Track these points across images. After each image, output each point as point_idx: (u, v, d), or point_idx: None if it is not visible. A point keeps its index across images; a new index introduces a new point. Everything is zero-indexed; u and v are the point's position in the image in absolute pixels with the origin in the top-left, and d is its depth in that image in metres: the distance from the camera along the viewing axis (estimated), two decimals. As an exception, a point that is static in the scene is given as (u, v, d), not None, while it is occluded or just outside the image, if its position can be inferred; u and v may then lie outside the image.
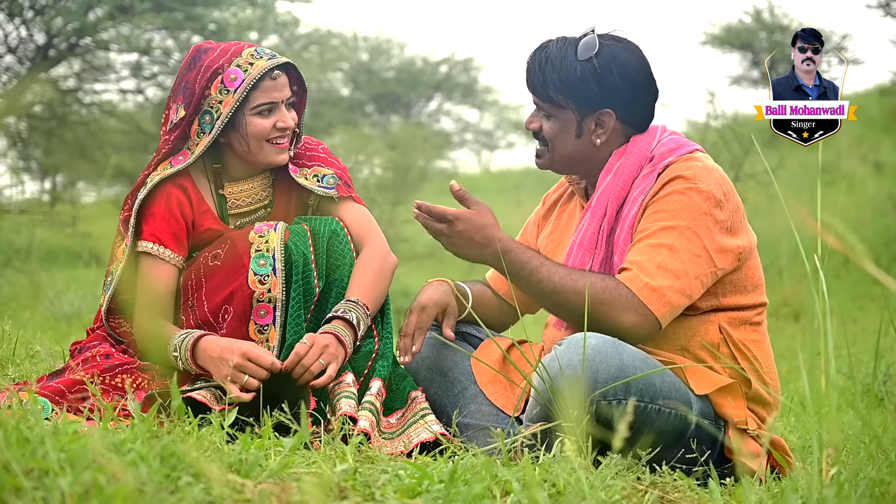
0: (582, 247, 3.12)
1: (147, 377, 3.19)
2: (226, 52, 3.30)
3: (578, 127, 3.13)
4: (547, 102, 3.15)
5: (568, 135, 3.15)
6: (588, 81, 3.09)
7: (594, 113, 3.12)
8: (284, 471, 2.23)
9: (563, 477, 2.32)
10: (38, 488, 1.86)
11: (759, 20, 24.25)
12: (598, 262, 3.09)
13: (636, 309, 2.91)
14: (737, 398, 2.98)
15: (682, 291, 2.94)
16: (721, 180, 3.03)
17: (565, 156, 3.17)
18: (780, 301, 11.39)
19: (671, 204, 3.00)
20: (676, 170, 3.03)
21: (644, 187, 3.06)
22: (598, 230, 3.11)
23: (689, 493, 2.53)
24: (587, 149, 3.16)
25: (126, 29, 13.93)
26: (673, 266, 2.93)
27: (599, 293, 2.91)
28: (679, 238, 2.96)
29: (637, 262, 2.95)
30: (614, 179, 3.11)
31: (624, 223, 3.06)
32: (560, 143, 3.16)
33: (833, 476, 2.23)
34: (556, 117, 3.15)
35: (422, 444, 3.10)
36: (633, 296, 2.91)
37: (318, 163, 3.44)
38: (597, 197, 3.13)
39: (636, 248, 2.98)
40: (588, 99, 3.10)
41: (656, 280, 2.92)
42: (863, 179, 16.62)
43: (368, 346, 3.28)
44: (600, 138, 3.14)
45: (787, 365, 7.07)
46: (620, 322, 2.91)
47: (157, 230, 3.27)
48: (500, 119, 30.58)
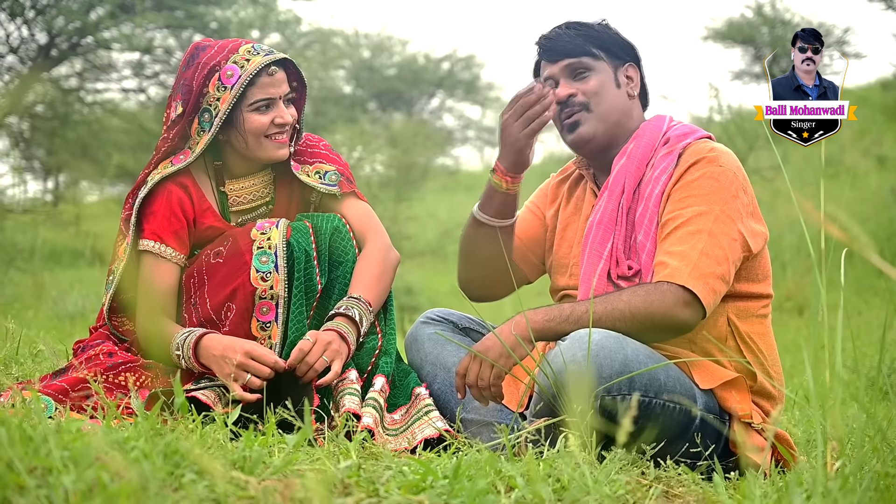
0: (602, 224, 3.12)
1: (150, 375, 3.19)
2: (223, 48, 3.29)
3: (615, 78, 3.22)
4: (584, 57, 3.20)
5: (610, 85, 3.21)
6: (614, 36, 3.24)
7: (623, 65, 3.23)
8: (288, 468, 2.23)
9: (567, 472, 2.31)
10: (41, 486, 1.86)
11: (761, 14, 24.23)
12: (620, 239, 3.09)
13: (684, 301, 2.90)
14: (741, 392, 2.98)
15: (722, 278, 2.94)
16: (739, 164, 3.08)
17: (611, 109, 3.20)
18: (783, 295, 11.39)
19: (702, 188, 2.99)
20: (699, 151, 3.05)
21: (665, 167, 3.07)
22: (618, 207, 3.12)
23: (694, 487, 2.52)
24: (625, 102, 3.23)
25: (127, 28, 13.92)
26: (714, 252, 2.93)
27: (646, 305, 2.89)
28: (716, 223, 2.95)
29: (678, 252, 2.93)
30: (629, 161, 3.14)
31: (647, 201, 3.06)
32: (605, 95, 3.20)
33: (838, 469, 2.22)
34: (595, 70, 3.20)
35: (426, 440, 3.10)
36: (679, 289, 2.90)
37: (320, 159, 3.44)
38: (613, 177, 3.15)
39: (674, 236, 2.97)
40: (618, 50, 3.24)
41: (700, 267, 2.91)
42: (866, 173, 16.61)
43: (372, 342, 3.28)
44: (633, 91, 3.24)
45: (791, 359, 7.06)
46: (678, 319, 2.90)
47: (159, 228, 3.27)
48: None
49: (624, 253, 3.08)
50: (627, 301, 2.90)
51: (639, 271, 3.04)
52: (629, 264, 3.06)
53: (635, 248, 3.07)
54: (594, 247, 3.11)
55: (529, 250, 3.41)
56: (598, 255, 3.10)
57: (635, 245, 3.07)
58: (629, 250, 3.08)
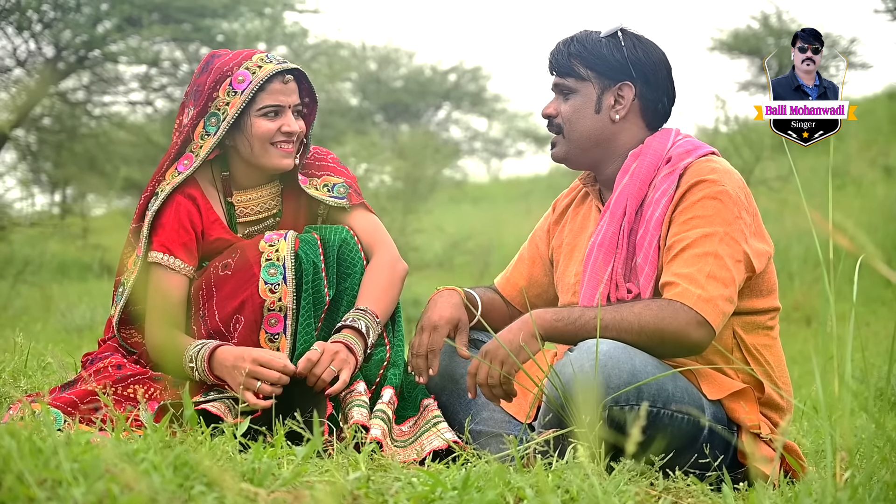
0: (602, 247, 3.11)
1: (159, 387, 3.19)
2: (237, 56, 3.32)
3: (598, 102, 3.16)
4: (569, 77, 3.18)
5: (586, 110, 3.17)
6: (612, 52, 3.15)
7: (615, 85, 3.15)
8: (297, 479, 2.23)
9: (577, 483, 2.31)
10: (51, 498, 1.87)
11: (767, 25, 24.20)
12: (621, 262, 3.08)
13: (696, 321, 2.89)
14: (750, 403, 2.98)
15: (730, 299, 2.93)
16: (741, 184, 3.05)
17: (583, 135, 3.18)
18: (791, 306, 11.37)
19: (705, 210, 2.98)
20: (699, 172, 3.03)
21: (665, 188, 3.05)
22: (619, 230, 3.10)
23: (703, 498, 2.52)
24: (605, 127, 3.17)
25: (134, 41, 13.94)
26: (721, 274, 2.92)
27: (657, 321, 2.89)
28: (721, 244, 2.94)
29: (686, 274, 2.92)
30: (631, 180, 3.12)
31: (648, 224, 3.05)
32: (577, 121, 3.17)
33: (847, 479, 2.22)
34: (576, 93, 3.17)
35: (434, 451, 3.10)
36: (690, 309, 2.89)
37: (328, 172, 3.44)
38: (615, 197, 3.13)
39: (681, 258, 2.96)
40: (611, 69, 3.15)
41: (708, 290, 2.90)
42: (872, 183, 16.58)
43: (380, 354, 3.28)
44: (619, 113, 3.16)
45: (799, 370, 7.05)
46: (689, 339, 2.89)
47: (167, 241, 3.28)
48: (508, 127, 30.57)
49: (624, 276, 3.08)
50: (638, 314, 2.90)
51: (637, 295, 3.04)
52: (629, 287, 3.06)
53: (635, 271, 3.06)
54: (594, 270, 3.11)
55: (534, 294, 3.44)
56: (598, 278, 3.10)
57: (635, 268, 3.07)
58: (629, 273, 3.08)
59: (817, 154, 16.78)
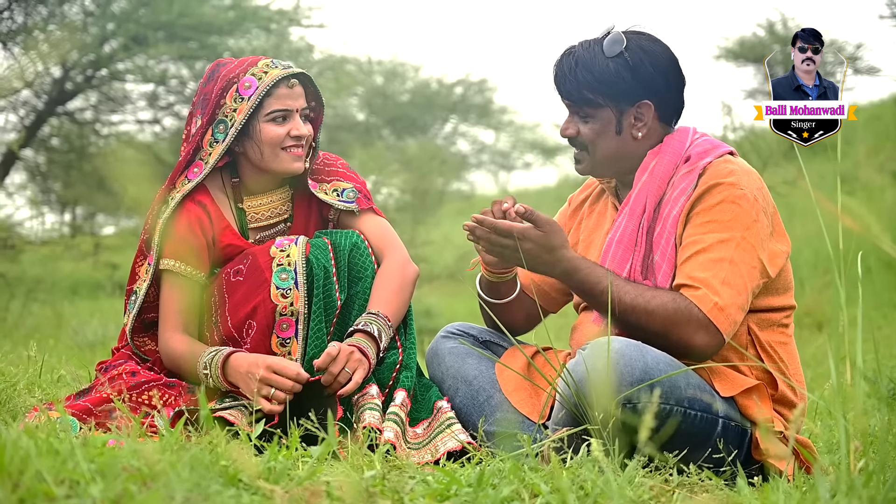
0: (622, 244, 3.11)
1: (174, 393, 3.20)
2: (242, 63, 3.34)
3: (618, 124, 3.14)
4: (584, 105, 3.15)
5: (608, 134, 3.15)
6: (622, 76, 3.10)
7: (632, 107, 3.13)
8: (312, 479, 2.23)
9: (591, 479, 2.32)
10: (70, 496, 1.88)
11: (773, 33, 24.21)
12: (639, 259, 3.08)
13: (707, 328, 2.90)
14: (763, 399, 2.98)
15: (742, 307, 2.94)
16: (759, 183, 3.04)
17: (608, 156, 3.17)
18: (802, 311, 11.34)
19: (723, 214, 2.98)
20: (718, 173, 3.03)
21: (685, 187, 3.05)
22: (638, 227, 3.11)
23: (718, 492, 2.52)
24: (628, 145, 3.16)
25: (141, 60, 14.00)
26: (735, 281, 2.93)
27: (672, 314, 2.91)
28: (737, 250, 2.95)
29: (703, 279, 2.93)
30: (651, 178, 3.12)
31: (665, 222, 3.06)
32: (601, 144, 3.16)
33: (861, 468, 2.22)
34: (594, 118, 3.15)
35: (448, 453, 3.11)
36: (704, 315, 2.90)
37: (338, 177, 3.46)
38: (634, 195, 3.14)
39: (695, 261, 2.97)
40: (624, 93, 3.11)
41: (723, 298, 2.91)
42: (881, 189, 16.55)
43: (392, 357, 3.29)
44: (641, 132, 3.14)
45: (811, 373, 7.04)
46: (692, 342, 2.91)
47: (178, 247, 3.29)
48: (516, 139, 30.56)
49: (641, 273, 3.08)
50: (653, 296, 2.93)
51: None
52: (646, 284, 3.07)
53: (652, 268, 3.07)
54: (612, 266, 3.11)
55: (544, 293, 3.43)
56: (616, 274, 3.10)
57: (652, 265, 3.07)
58: (646, 270, 3.08)
59: (826, 160, 16.75)
